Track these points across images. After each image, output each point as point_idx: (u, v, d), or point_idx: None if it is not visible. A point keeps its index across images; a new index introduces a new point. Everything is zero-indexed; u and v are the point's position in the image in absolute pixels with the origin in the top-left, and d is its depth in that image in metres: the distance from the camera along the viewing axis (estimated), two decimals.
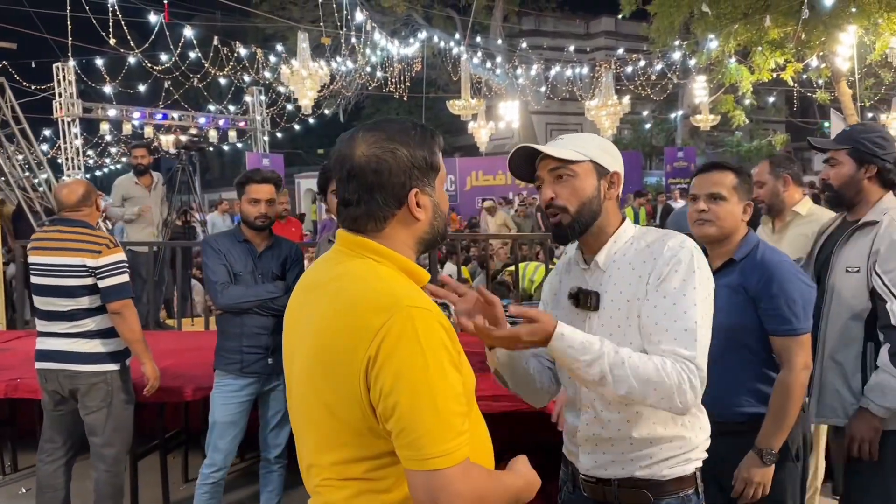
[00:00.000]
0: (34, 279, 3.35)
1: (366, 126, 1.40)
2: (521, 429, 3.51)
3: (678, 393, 1.54)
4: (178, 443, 4.53)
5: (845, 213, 2.72)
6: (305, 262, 3.82)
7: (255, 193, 3.27)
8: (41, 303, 3.35)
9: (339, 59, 18.67)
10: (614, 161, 1.78)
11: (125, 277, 3.35)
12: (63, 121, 15.49)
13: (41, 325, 3.38)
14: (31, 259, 3.37)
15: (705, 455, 1.78)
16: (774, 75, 14.74)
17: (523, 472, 1.41)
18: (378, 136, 1.36)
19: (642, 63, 18.84)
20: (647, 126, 27.31)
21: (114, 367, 3.37)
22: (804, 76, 15.87)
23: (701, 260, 1.67)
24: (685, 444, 1.72)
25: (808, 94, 17.41)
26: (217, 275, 3.25)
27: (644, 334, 1.64)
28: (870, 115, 18.12)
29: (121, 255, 3.36)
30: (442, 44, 20.65)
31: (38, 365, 3.38)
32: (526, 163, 1.79)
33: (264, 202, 3.28)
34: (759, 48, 14.07)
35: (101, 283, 3.28)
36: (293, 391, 1.44)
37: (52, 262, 3.28)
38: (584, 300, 1.75)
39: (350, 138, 1.38)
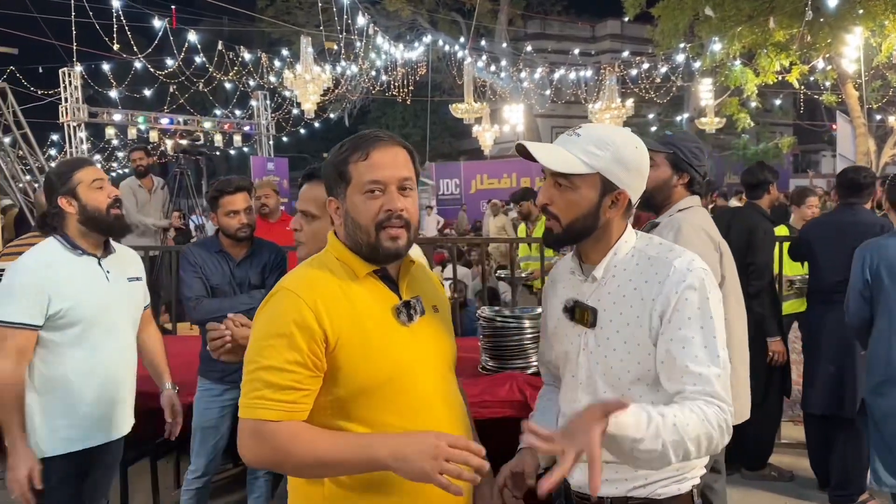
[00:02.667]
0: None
1: None
2: (508, 436, 3.47)
3: (721, 440, 1.46)
4: (169, 448, 4.50)
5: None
6: None
7: (231, 205, 3.13)
8: None
9: (343, 62, 18.72)
10: (629, 176, 1.58)
11: None
12: (69, 125, 15.56)
13: None
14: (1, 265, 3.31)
15: (704, 471, 1.68)
16: (780, 78, 14.67)
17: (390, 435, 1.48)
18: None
19: (647, 66, 18.80)
20: (654, 129, 27.23)
21: None
22: (811, 78, 15.79)
23: (711, 282, 1.55)
24: (684, 465, 1.60)
25: (815, 96, 17.32)
26: (191, 289, 3.16)
27: (665, 370, 1.53)
28: (878, 117, 18.01)
29: None
30: (447, 47, 20.67)
31: None
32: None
33: (242, 212, 3.16)
34: (764, 50, 14.01)
35: None
36: None
37: None
38: (581, 316, 1.64)
39: None
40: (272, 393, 1.46)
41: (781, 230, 4.98)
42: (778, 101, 22.55)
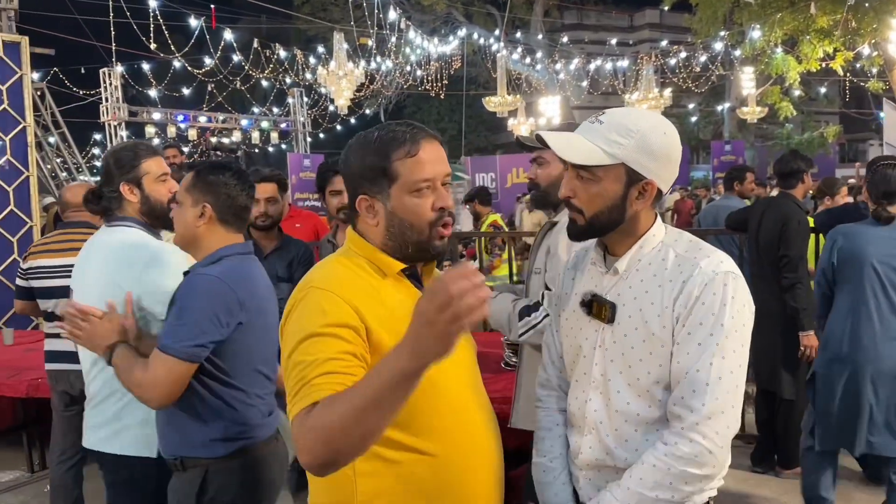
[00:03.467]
0: (38, 282, 3.37)
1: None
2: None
3: (689, 480, 1.41)
4: None
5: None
6: None
7: (255, 193, 3.20)
8: (47, 305, 3.37)
9: (378, 58, 18.75)
10: (656, 164, 1.49)
11: None
12: (110, 125, 15.89)
13: (48, 328, 3.41)
14: (34, 263, 3.37)
15: (721, 482, 1.53)
16: (824, 65, 14.26)
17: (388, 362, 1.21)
18: (350, 145, 1.55)
19: (685, 55, 18.43)
20: (694, 119, 26.74)
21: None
22: (856, 65, 15.32)
23: (738, 288, 1.45)
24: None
25: (861, 83, 16.80)
26: None
27: (673, 377, 1.45)
28: None
29: None
30: (482, 41, 20.55)
31: (48, 366, 3.40)
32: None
33: (264, 200, 3.22)
34: (807, 37, 13.63)
35: None
36: None
37: (56, 264, 3.30)
38: (599, 311, 1.54)
39: None
40: (320, 379, 1.31)
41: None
42: (822, 90, 21.92)
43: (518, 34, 21.98)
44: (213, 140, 7.59)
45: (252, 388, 2.06)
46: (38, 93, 11.04)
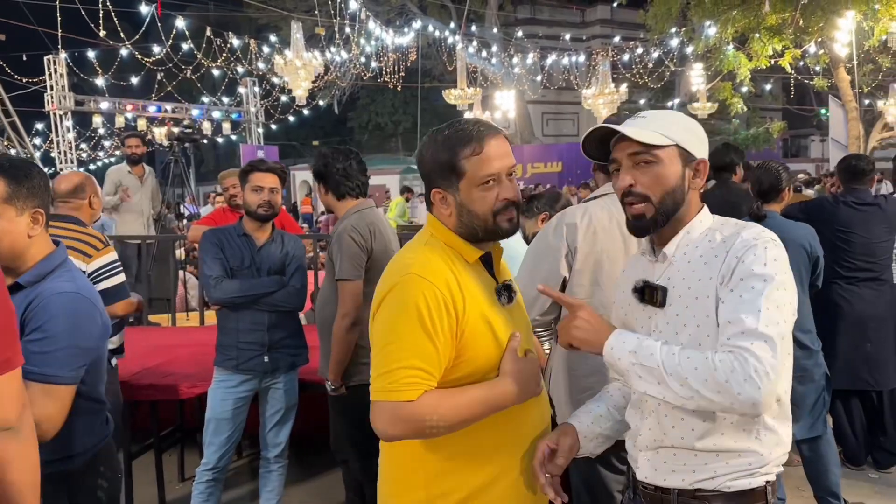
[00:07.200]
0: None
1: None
2: None
3: (734, 384, 1.36)
4: (174, 441, 4.44)
5: None
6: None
7: (258, 181, 3.18)
8: None
9: (333, 49, 18.52)
10: (702, 146, 1.61)
11: (121, 277, 3.19)
12: (55, 114, 15.34)
13: None
14: None
15: (780, 469, 1.57)
16: (772, 62, 14.64)
17: (506, 381, 1.61)
18: (425, 141, 1.71)
19: (639, 51, 18.72)
20: None
21: None
22: (801, 63, 15.78)
23: (779, 252, 1.48)
24: (757, 459, 1.52)
25: (806, 80, 17.32)
26: (212, 269, 3.16)
27: (720, 331, 1.46)
28: (866, 101, 18.06)
29: (113, 255, 3.19)
30: (437, 33, 20.50)
31: None
32: (599, 142, 1.65)
33: (267, 190, 3.19)
34: (758, 34, 13.97)
35: (98, 288, 3.14)
36: None
37: None
38: (650, 295, 1.59)
39: None
40: (408, 374, 1.52)
41: None
42: (768, 86, 22.53)
43: (473, 27, 21.96)
44: (176, 130, 7.41)
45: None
46: None
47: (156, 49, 16.03)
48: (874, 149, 15.45)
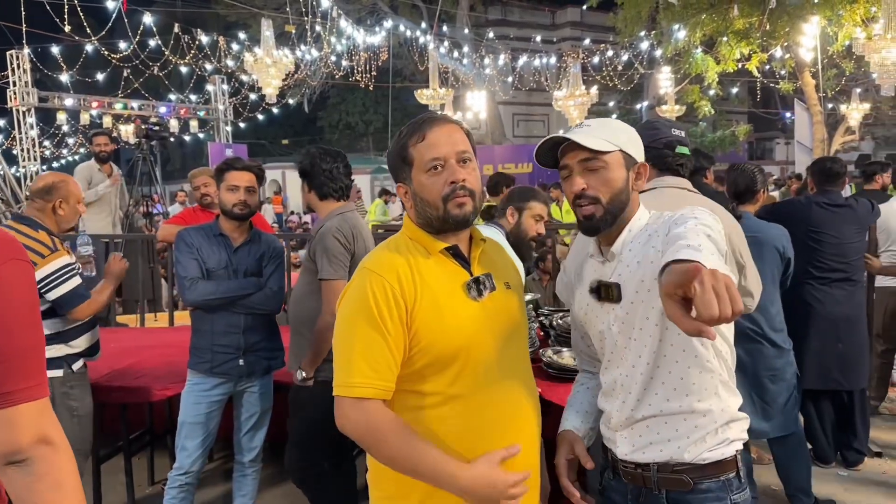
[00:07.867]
0: None
1: None
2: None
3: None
4: (143, 444, 4.35)
5: None
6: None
7: (234, 180, 3.12)
8: None
9: (303, 47, 18.36)
10: (639, 152, 1.74)
11: (75, 281, 3.05)
12: (18, 110, 15.00)
13: None
14: None
15: (745, 437, 1.71)
16: (739, 66, 14.84)
17: (468, 467, 1.55)
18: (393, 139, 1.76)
19: (609, 53, 18.84)
20: (614, 116, 27.42)
21: (56, 372, 3.04)
22: (767, 67, 16.02)
23: (709, 218, 1.49)
24: (720, 415, 1.65)
25: (772, 84, 17.60)
26: (187, 270, 3.09)
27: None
28: (829, 105, 18.41)
29: (64, 259, 3.03)
30: (408, 33, 20.45)
31: None
32: (549, 150, 1.75)
33: (243, 189, 3.12)
34: (725, 38, 14.15)
35: (50, 297, 2.96)
36: None
37: None
38: (606, 293, 1.70)
39: None
40: (366, 372, 1.57)
41: None
42: (734, 90, 22.85)
43: (444, 28, 21.94)
44: (145, 128, 7.25)
45: None
46: None
47: (122, 45, 15.75)
48: (837, 151, 15.76)
